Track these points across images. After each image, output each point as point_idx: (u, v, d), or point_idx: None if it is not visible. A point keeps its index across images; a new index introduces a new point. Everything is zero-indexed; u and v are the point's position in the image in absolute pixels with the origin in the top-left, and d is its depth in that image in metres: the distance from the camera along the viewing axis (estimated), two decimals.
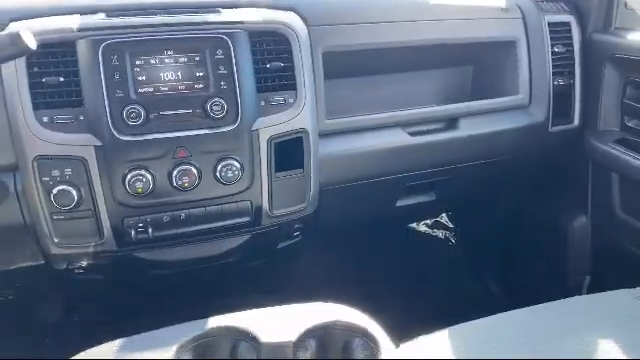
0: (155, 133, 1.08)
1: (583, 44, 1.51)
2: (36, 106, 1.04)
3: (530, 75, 1.47)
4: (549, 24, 1.47)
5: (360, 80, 1.41)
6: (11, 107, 1.04)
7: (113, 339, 0.86)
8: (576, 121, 1.54)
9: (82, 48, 1.04)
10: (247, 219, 1.21)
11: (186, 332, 0.85)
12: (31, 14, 1.09)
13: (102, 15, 1.11)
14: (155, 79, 1.07)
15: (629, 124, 1.47)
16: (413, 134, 1.38)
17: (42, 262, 1.20)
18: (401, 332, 0.89)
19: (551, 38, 1.47)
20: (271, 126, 1.16)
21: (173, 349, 0.81)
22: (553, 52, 1.48)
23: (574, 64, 1.50)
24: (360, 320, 0.87)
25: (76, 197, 1.06)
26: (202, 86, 1.10)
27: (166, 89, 1.08)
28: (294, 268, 1.69)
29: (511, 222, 1.89)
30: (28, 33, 0.85)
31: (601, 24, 1.51)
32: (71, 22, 1.06)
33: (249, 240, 1.27)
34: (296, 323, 0.86)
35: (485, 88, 1.51)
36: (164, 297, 1.53)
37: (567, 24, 1.50)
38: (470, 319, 0.91)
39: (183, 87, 1.09)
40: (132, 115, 1.05)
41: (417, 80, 1.48)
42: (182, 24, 1.11)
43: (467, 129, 1.43)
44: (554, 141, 1.54)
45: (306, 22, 1.23)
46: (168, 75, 1.08)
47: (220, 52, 1.10)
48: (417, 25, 1.38)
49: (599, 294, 1.00)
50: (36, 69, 1.03)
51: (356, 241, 1.95)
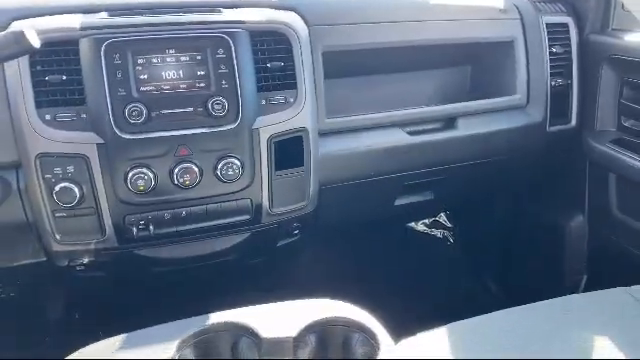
0: (157, 131, 1.08)
1: (580, 45, 1.52)
2: (39, 104, 1.04)
3: (528, 75, 1.48)
4: (547, 25, 1.48)
5: (360, 80, 1.42)
6: (14, 105, 1.05)
7: (113, 336, 0.86)
8: (573, 121, 1.55)
9: (85, 47, 1.05)
10: (247, 217, 1.22)
11: (187, 328, 0.85)
12: (34, 13, 1.10)
13: (104, 14, 1.12)
14: (157, 78, 1.08)
15: (626, 124, 1.48)
16: (412, 134, 1.39)
17: (44, 259, 1.20)
18: (400, 330, 0.89)
19: (549, 39, 1.48)
20: (271, 125, 1.16)
21: (175, 344, 0.82)
22: (551, 53, 1.49)
23: (571, 65, 1.51)
24: (360, 316, 0.87)
25: (78, 194, 1.07)
26: (203, 85, 1.10)
27: (168, 88, 1.09)
28: (293, 266, 1.69)
29: (509, 221, 1.89)
30: (32, 32, 0.86)
31: (598, 25, 1.52)
32: (74, 21, 1.07)
33: (249, 238, 1.28)
34: (296, 319, 0.86)
35: (483, 88, 1.52)
36: (164, 294, 1.53)
37: (565, 25, 1.51)
38: (468, 318, 0.91)
39: (184, 86, 1.09)
40: (134, 113, 1.06)
41: (416, 80, 1.49)
42: (184, 23, 1.12)
43: (465, 129, 1.43)
44: (551, 141, 1.55)
45: (306, 22, 1.24)
46: (170, 74, 1.08)
47: (221, 51, 1.10)
48: (416, 25, 1.39)
49: (596, 292, 1.01)
50: (39, 67, 1.04)
51: (355, 240, 1.95)
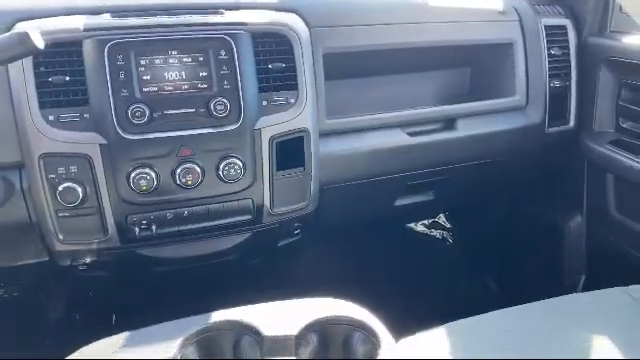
0: (159, 132, 1.09)
1: (579, 47, 1.53)
2: (42, 105, 1.05)
3: (527, 77, 1.49)
4: (545, 27, 1.49)
5: (360, 81, 1.42)
6: (18, 105, 1.06)
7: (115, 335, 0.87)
8: (572, 122, 1.55)
9: (88, 48, 1.05)
10: (248, 217, 1.23)
11: (190, 326, 0.86)
12: (37, 14, 1.10)
13: (108, 16, 1.12)
14: (159, 79, 1.09)
15: (624, 125, 1.49)
16: (412, 134, 1.40)
17: (46, 259, 1.21)
18: (400, 330, 0.90)
19: (547, 41, 1.49)
20: (273, 125, 1.17)
21: (177, 343, 0.82)
22: (549, 55, 1.49)
23: (570, 66, 1.52)
24: (361, 315, 0.88)
25: (81, 194, 1.08)
26: (206, 86, 1.11)
27: (170, 88, 1.09)
28: (294, 266, 1.69)
29: (507, 222, 1.90)
30: (36, 33, 0.86)
31: (596, 28, 1.53)
32: (77, 22, 1.08)
33: (250, 238, 1.28)
34: (298, 317, 0.86)
35: (483, 89, 1.52)
36: (166, 294, 1.54)
37: (563, 27, 1.52)
38: (467, 317, 0.92)
39: (187, 87, 1.10)
40: (137, 114, 1.07)
41: (416, 81, 1.50)
42: (186, 25, 1.13)
43: (465, 130, 1.44)
44: (550, 142, 1.55)
45: (307, 24, 1.25)
46: (172, 75, 1.09)
47: (223, 53, 1.11)
48: (416, 27, 1.39)
49: (594, 292, 1.01)
50: (43, 68, 1.05)
51: (355, 240, 1.96)
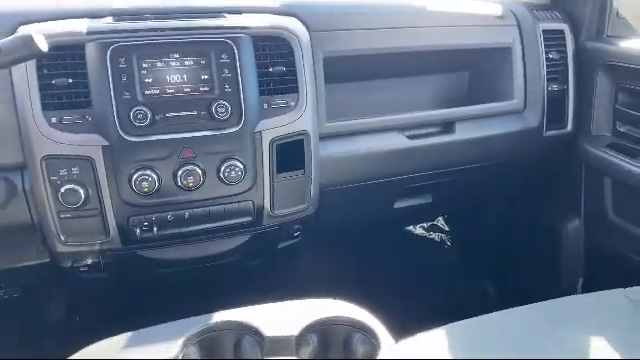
0: (161, 134, 1.10)
1: (576, 51, 1.54)
2: (45, 107, 1.05)
3: (525, 81, 1.50)
4: (543, 32, 1.50)
5: (359, 84, 1.43)
6: (21, 108, 1.07)
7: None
8: (569, 126, 1.56)
9: (91, 51, 1.06)
10: (249, 219, 1.23)
11: (191, 326, 0.86)
12: (40, 18, 1.11)
13: (110, 19, 1.13)
14: (161, 81, 1.09)
15: (621, 129, 1.50)
16: (411, 137, 1.41)
17: (48, 260, 1.21)
18: (399, 331, 0.90)
19: (545, 45, 1.50)
20: (273, 128, 1.18)
21: (178, 343, 0.83)
22: (547, 59, 1.50)
23: (567, 71, 1.53)
24: (361, 316, 0.89)
25: (83, 196, 1.08)
26: (207, 89, 1.12)
27: (172, 91, 1.10)
28: (294, 268, 1.70)
29: (506, 225, 1.91)
30: (40, 36, 0.87)
31: (594, 32, 1.54)
32: (80, 25, 1.09)
33: (250, 240, 1.29)
34: (298, 318, 0.87)
35: (481, 93, 1.53)
36: (167, 296, 1.54)
37: (561, 32, 1.53)
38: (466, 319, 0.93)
39: (188, 89, 1.11)
40: (139, 116, 1.07)
41: (415, 85, 1.51)
42: (188, 28, 1.14)
43: (463, 133, 1.45)
44: (548, 145, 1.56)
45: (308, 28, 1.26)
46: (174, 78, 1.10)
47: (225, 56, 1.12)
48: (415, 32, 1.41)
49: (592, 294, 1.02)
50: (46, 71, 1.06)
51: (355, 242, 1.96)
